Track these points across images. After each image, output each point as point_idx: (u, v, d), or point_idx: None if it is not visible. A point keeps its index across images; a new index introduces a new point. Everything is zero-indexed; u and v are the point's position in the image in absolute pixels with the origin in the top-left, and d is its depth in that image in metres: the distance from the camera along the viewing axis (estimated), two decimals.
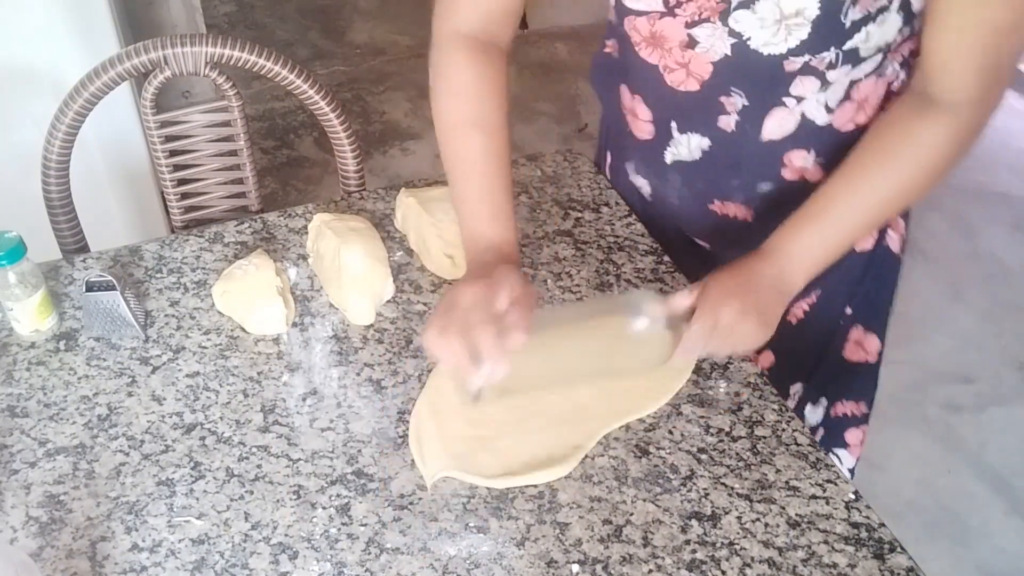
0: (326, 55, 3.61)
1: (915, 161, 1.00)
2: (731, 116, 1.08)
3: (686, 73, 1.07)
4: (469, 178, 1.06)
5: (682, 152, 1.15)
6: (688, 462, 1.01)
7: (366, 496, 0.97)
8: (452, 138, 1.07)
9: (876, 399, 1.34)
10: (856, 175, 1.01)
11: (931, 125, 0.99)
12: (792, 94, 1.05)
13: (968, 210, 3.03)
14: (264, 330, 1.14)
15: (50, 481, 0.98)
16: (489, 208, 1.04)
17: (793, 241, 1.02)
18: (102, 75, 1.36)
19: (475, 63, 1.07)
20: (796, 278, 1.02)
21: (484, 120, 1.06)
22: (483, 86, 1.07)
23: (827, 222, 1.02)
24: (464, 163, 1.06)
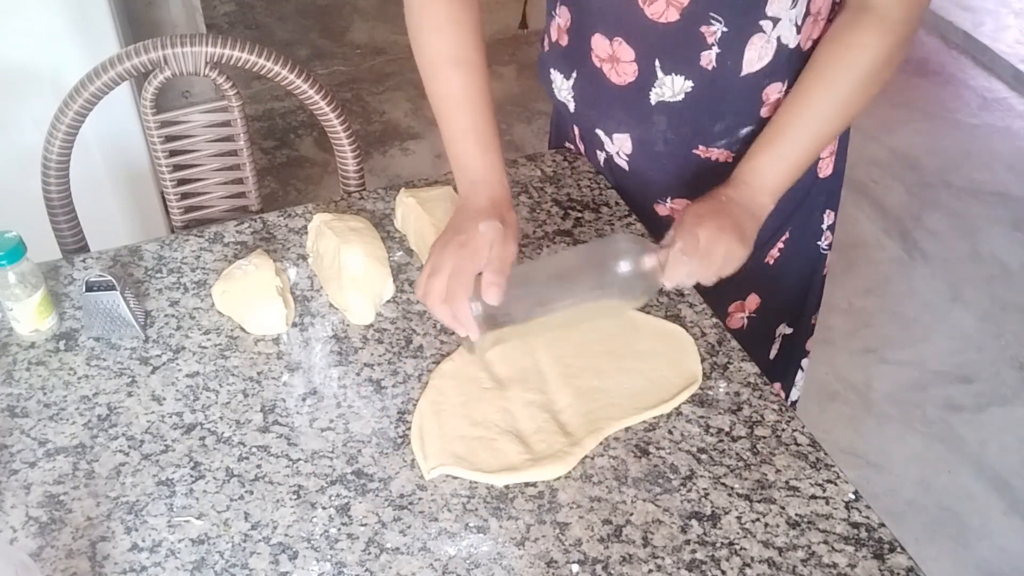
0: (326, 55, 3.61)
1: (851, 74, 1.08)
2: (712, 51, 1.13)
3: (666, 3, 1.11)
4: (454, 115, 1.10)
5: (666, 93, 1.18)
6: (688, 462, 1.02)
7: (366, 496, 0.97)
8: (434, 75, 1.12)
9: (876, 399, 1.37)
10: (803, 96, 1.10)
11: (864, 36, 1.06)
12: (768, 15, 1.10)
13: (968, 210, 3.03)
14: (264, 330, 1.14)
15: (50, 481, 0.98)
16: (476, 143, 1.09)
17: (755, 168, 1.10)
18: (102, 75, 1.36)
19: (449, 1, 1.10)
20: (763, 199, 1.10)
21: (464, 56, 1.10)
22: (459, 23, 1.10)
23: (783, 145, 1.10)
24: (448, 100, 1.11)
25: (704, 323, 1.17)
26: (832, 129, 1.12)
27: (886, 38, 1.06)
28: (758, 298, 1.36)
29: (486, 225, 1.01)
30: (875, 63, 1.07)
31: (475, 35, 1.11)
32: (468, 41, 1.11)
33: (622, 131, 1.26)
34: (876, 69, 1.08)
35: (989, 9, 3.91)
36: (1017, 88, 3.58)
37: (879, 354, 2.55)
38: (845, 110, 1.10)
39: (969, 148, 3.30)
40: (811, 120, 1.10)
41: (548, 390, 1.07)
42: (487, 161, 1.08)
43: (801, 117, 1.10)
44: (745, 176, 1.11)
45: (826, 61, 1.09)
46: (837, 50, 1.08)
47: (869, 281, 2.76)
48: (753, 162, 1.11)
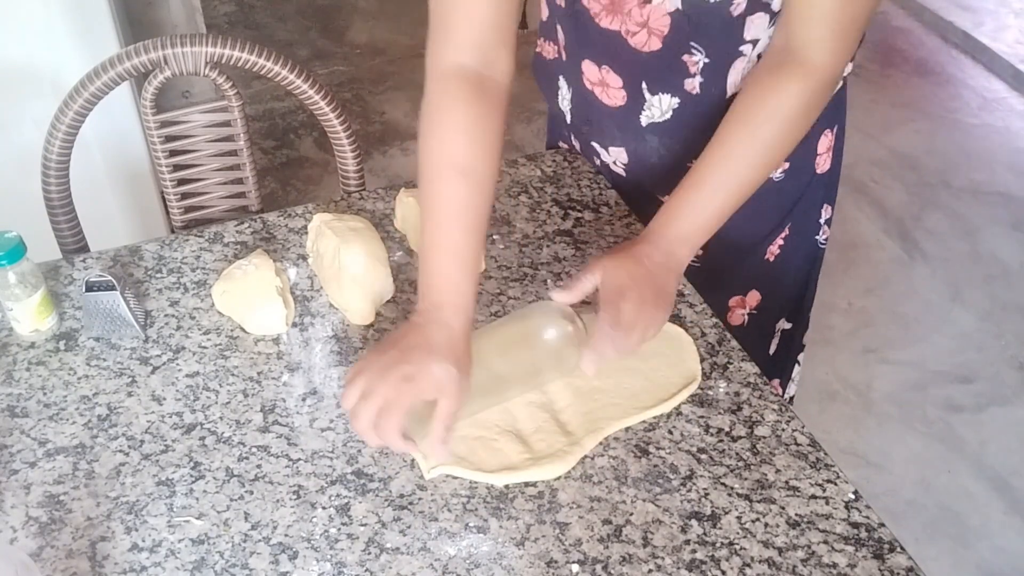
0: (326, 55, 3.61)
1: (773, 121, 1.05)
2: (695, 79, 1.12)
3: (647, 33, 1.10)
4: (445, 225, 1.01)
5: (655, 114, 1.18)
6: (688, 462, 1.02)
7: (366, 496, 0.97)
8: (436, 180, 1.02)
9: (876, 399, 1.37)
10: (723, 144, 1.06)
11: (785, 80, 1.03)
12: (747, 39, 1.09)
13: (968, 210, 3.03)
14: (264, 330, 1.14)
15: (50, 481, 0.98)
16: (457, 265, 1.00)
17: (673, 223, 1.06)
18: (102, 75, 1.36)
19: (471, 102, 1.02)
20: (682, 253, 1.07)
21: (474, 168, 1.01)
22: (478, 130, 1.02)
23: (704, 195, 1.06)
24: (443, 209, 1.01)
25: (704, 323, 1.17)
26: (755, 176, 1.07)
27: (809, 82, 1.03)
28: (759, 294, 1.36)
29: (441, 367, 0.93)
30: (797, 109, 1.04)
31: (494, 146, 1.03)
32: (485, 152, 1.02)
33: (617, 145, 1.27)
34: (798, 115, 1.05)
35: (989, 9, 3.91)
36: (1017, 88, 3.58)
37: (879, 354, 2.55)
38: (767, 156, 1.07)
39: (969, 148, 3.30)
40: (732, 169, 1.06)
41: (548, 390, 1.07)
42: (462, 288, 0.99)
43: (722, 166, 1.06)
44: (663, 230, 1.06)
45: (747, 107, 1.05)
46: (758, 96, 1.05)
47: (869, 281, 2.76)
48: (672, 214, 1.06)
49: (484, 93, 1.03)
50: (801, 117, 1.06)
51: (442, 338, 0.96)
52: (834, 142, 1.29)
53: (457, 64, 1.03)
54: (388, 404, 0.92)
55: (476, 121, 1.02)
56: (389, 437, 0.93)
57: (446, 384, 0.93)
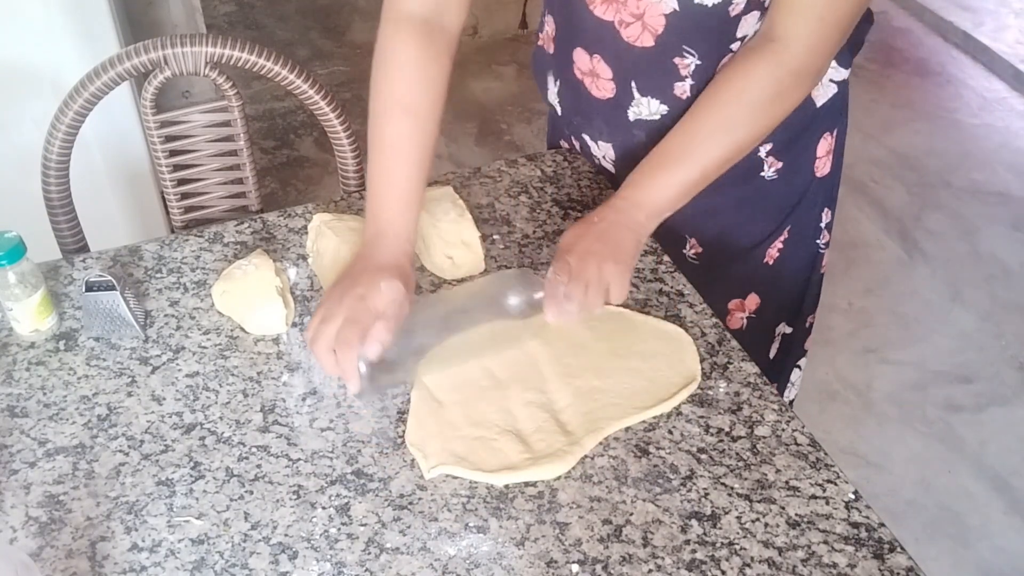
0: (326, 55, 3.60)
1: (740, 101, 1.07)
2: (686, 82, 1.13)
3: (641, 26, 1.11)
4: (389, 160, 1.08)
5: (643, 112, 1.19)
6: (688, 462, 1.02)
7: (366, 496, 0.97)
8: (381, 117, 1.09)
9: (876, 399, 1.37)
10: (690, 119, 1.09)
11: (757, 64, 1.05)
12: (738, 37, 1.10)
13: (968, 210, 3.03)
14: (264, 330, 1.14)
15: (50, 481, 0.98)
16: (399, 196, 1.07)
17: (635, 186, 1.09)
18: (102, 75, 1.36)
19: (418, 46, 1.08)
20: (640, 217, 1.09)
21: (418, 106, 1.08)
22: (423, 71, 1.09)
23: (668, 168, 1.09)
24: (387, 145, 1.09)
25: (704, 323, 1.17)
26: (719, 155, 1.08)
27: (780, 69, 1.04)
28: (758, 298, 1.36)
29: (388, 285, 1.01)
30: (765, 92, 1.06)
31: (439, 88, 1.10)
32: (430, 92, 1.09)
33: (605, 140, 1.27)
34: (766, 99, 1.06)
35: (989, 9, 3.91)
36: (1017, 88, 3.58)
37: (879, 354, 2.55)
38: (732, 136, 1.08)
39: (969, 148, 3.30)
40: (697, 144, 1.08)
41: (547, 390, 1.07)
42: (404, 216, 1.07)
43: (688, 140, 1.08)
44: (624, 193, 1.09)
45: (717, 86, 1.08)
46: (729, 76, 1.07)
47: (869, 281, 2.76)
48: (635, 181, 1.09)
49: (431, 38, 1.09)
50: (768, 102, 1.06)
51: (388, 258, 1.04)
52: (834, 146, 1.28)
53: (408, 12, 1.09)
54: (346, 322, 0.98)
55: (421, 63, 1.08)
56: (347, 352, 0.97)
57: (394, 296, 1.00)
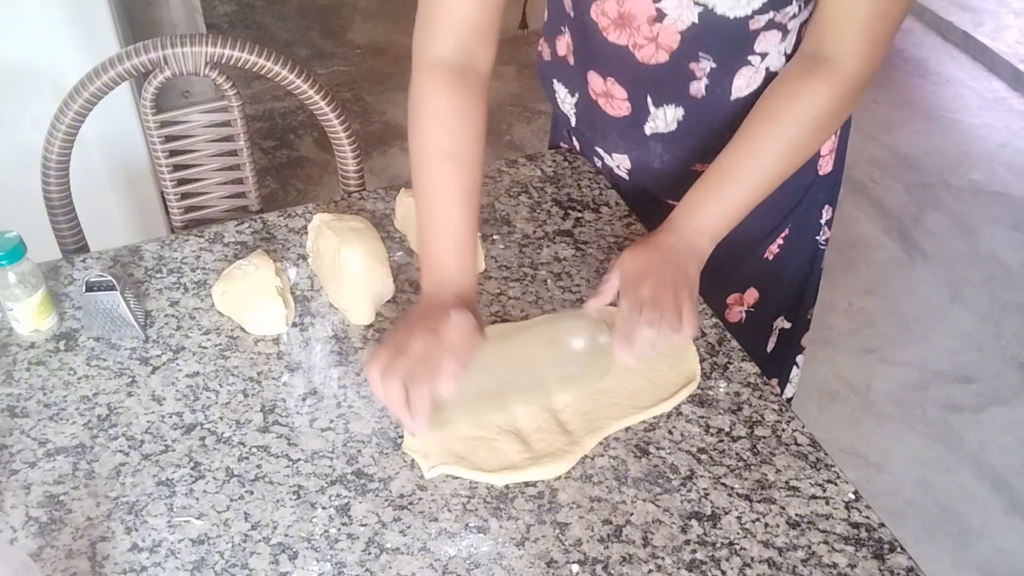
0: (326, 55, 3.61)
1: (801, 121, 1.06)
2: (701, 82, 1.13)
3: (655, 47, 1.10)
4: (437, 208, 1.05)
5: (659, 126, 1.19)
6: (688, 462, 1.02)
7: (366, 496, 0.97)
8: (425, 166, 1.06)
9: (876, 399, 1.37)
10: (749, 140, 1.07)
11: (816, 84, 1.05)
12: (756, 51, 1.10)
13: (968, 210, 3.03)
14: (264, 330, 1.14)
15: (50, 481, 0.98)
16: (453, 241, 1.04)
17: (695, 213, 1.08)
18: (102, 75, 1.36)
19: (453, 91, 1.06)
20: (702, 243, 1.07)
21: (459, 152, 1.06)
22: (461, 117, 1.07)
23: (726, 189, 1.07)
24: (434, 193, 1.06)
25: (704, 323, 1.17)
26: (778, 175, 1.08)
27: (839, 88, 1.04)
28: (757, 292, 1.36)
29: (459, 314, 0.97)
30: (826, 111, 1.06)
31: (477, 132, 1.07)
32: (469, 137, 1.07)
33: (620, 152, 1.27)
34: (827, 117, 1.06)
35: (989, 9, 3.91)
36: (1017, 88, 3.58)
37: (879, 354, 2.55)
38: (792, 156, 1.08)
39: (969, 148, 3.30)
40: (756, 165, 1.07)
41: (548, 389, 1.07)
42: (461, 264, 1.04)
43: (746, 161, 1.07)
44: (685, 219, 1.08)
45: (777, 107, 1.07)
46: (789, 96, 1.06)
47: (869, 281, 2.76)
48: (693, 205, 1.08)
49: (466, 82, 1.07)
50: (828, 121, 1.07)
51: (452, 299, 1.00)
52: (837, 144, 1.29)
53: (439, 58, 1.08)
54: (421, 357, 0.94)
55: (458, 109, 1.07)
56: (420, 389, 0.94)
57: (466, 327, 0.97)
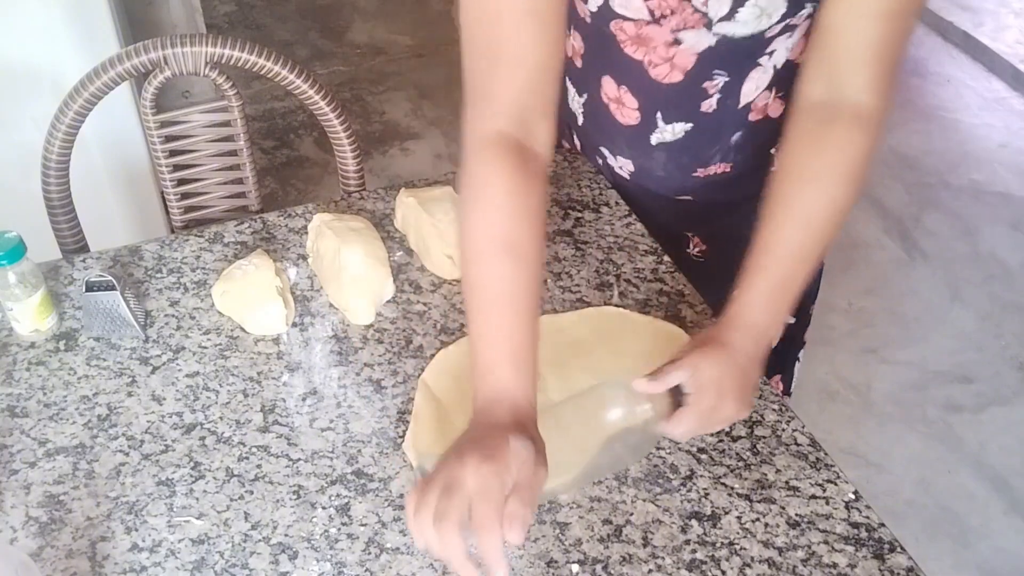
0: (326, 55, 3.60)
1: (841, 172, 0.98)
2: (712, 97, 1.12)
3: (670, 67, 1.10)
4: (493, 309, 0.92)
5: (666, 136, 1.19)
6: (688, 462, 1.01)
7: (366, 496, 0.97)
8: (480, 260, 0.93)
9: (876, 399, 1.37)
10: (790, 208, 0.99)
11: (840, 132, 0.98)
12: (767, 52, 1.08)
13: (968, 210, 3.03)
14: (264, 330, 1.14)
15: (50, 481, 0.98)
16: (511, 348, 0.90)
17: (757, 305, 0.99)
18: (102, 75, 1.36)
19: (514, 172, 0.93)
20: (772, 339, 1.01)
21: (520, 244, 0.92)
22: (522, 202, 0.93)
23: (780, 271, 0.99)
24: (490, 291, 0.92)
25: (704, 323, 1.17)
26: (834, 235, 1.00)
27: (864, 129, 0.98)
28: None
29: (518, 442, 0.82)
30: (859, 158, 0.99)
31: (540, 220, 0.94)
32: (531, 227, 0.93)
33: (624, 156, 1.27)
34: (862, 162, 0.99)
35: (989, 9, 3.91)
36: (1017, 88, 3.58)
37: (879, 354, 2.55)
38: (842, 213, 1.00)
39: (969, 148, 3.30)
40: (808, 235, 0.99)
41: (547, 389, 1.07)
42: (519, 378, 0.89)
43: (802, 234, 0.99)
44: (750, 316, 0.98)
45: (809, 167, 0.99)
46: (816, 153, 0.99)
47: (869, 281, 2.76)
48: (755, 298, 0.99)
49: (526, 164, 0.94)
50: (863, 167, 0.99)
51: (508, 418, 0.86)
52: None
53: (497, 132, 0.94)
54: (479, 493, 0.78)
55: (520, 194, 0.93)
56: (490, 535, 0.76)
57: (527, 456, 0.82)
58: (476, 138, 0.95)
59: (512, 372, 0.89)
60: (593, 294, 1.21)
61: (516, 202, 0.93)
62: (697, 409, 0.94)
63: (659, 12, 1.03)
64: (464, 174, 0.95)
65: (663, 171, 1.24)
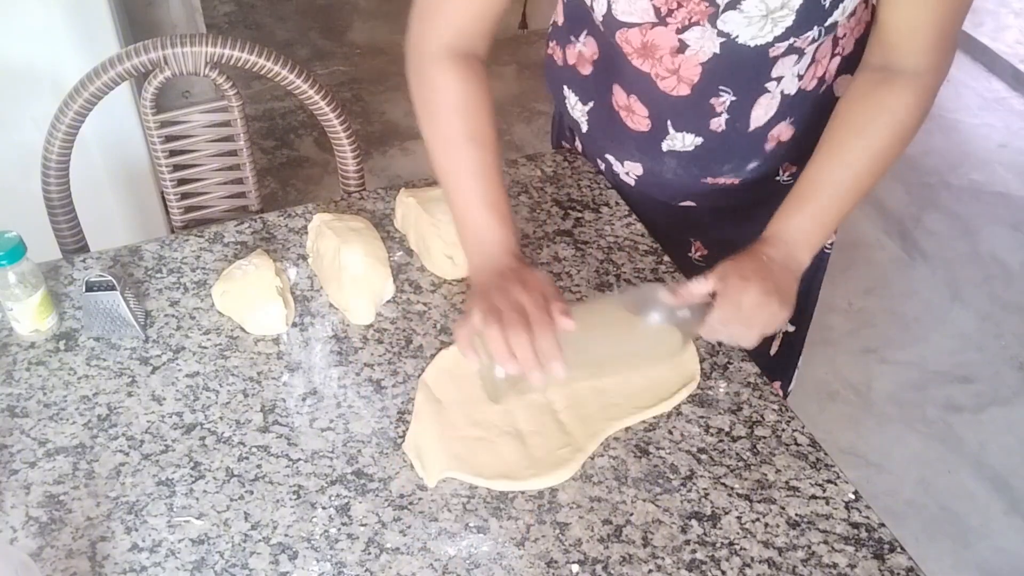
0: (326, 55, 3.61)
1: (888, 128, 1.07)
2: (721, 117, 1.14)
3: (677, 79, 1.12)
4: (470, 187, 1.07)
5: (676, 145, 1.19)
6: (688, 462, 1.02)
7: (366, 496, 0.97)
8: (448, 150, 1.09)
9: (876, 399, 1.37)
10: (837, 152, 1.08)
11: (898, 92, 1.06)
12: (773, 77, 1.11)
13: (968, 210, 3.03)
14: (264, 330, 1.14)
15: (50, 481, 0.98)
16: (495, 210, 1.06)
17: (792, 227, 1.08)
18: (102, 75, 1.36)
19: (462, 77, 1.09)
20: (802, 257, 1.08)
21: (478, 134, 1.08)
22: (476, 102, 1.09)
23: (819, 203, 1.08)
24: (462, 174, 1.08)
25: None
26: (867, 186, 1.10)
27: (919, 95, 1.06)
28: None
29: (535, 272, 1.00)
30: (909, 120, 1.07)
31: (491, 114, 1.10)
32: (486, 120, 1.09)
33: (634, 160, 1.27)
34: (914, 125, 1.08)
35: (989, 9, 3.91)
36: (1017, 88, 3.58)
37: (879, 354, 2.55)
38: (881, 166, 1.08)
39: (969, 148, 3.30)
40: (848, 176, 1.08)
41: (547, 390, 1.07)
42: (506, 230, 1.06)
43: (838, 174, 1.08)
44: (784, 235, 1.07)
45: (863, 119, 1.07)
46: (872, 108, 1.07)
47: (869, 281, 2.76)
48: (791, 220, 1.08)
49: (472, 70, 1.10)
50: (913, 128, 1.08)
51: (514, 259, 1.03)
52: None
53: (446, 45, 1.09)
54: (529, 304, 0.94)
55: (473, 94, 1.09)
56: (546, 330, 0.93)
57: (545, 276, 1.00)
58: (425, 50, 1.10)
59: (501, 226, 1.05)
60: (593, 294, 1.21)
61: (471, 101, 1.09)
62: (730, 300, 1.00)
63: (665, 9, 1.04)
64: (417, 80, 1.11)
65: (672, 175, 1.24)
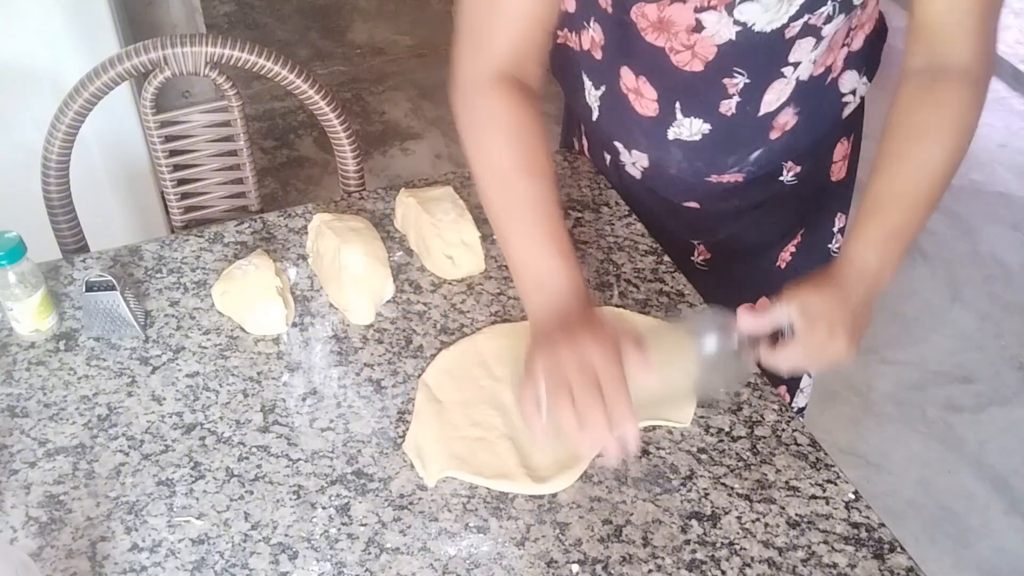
0: (326, 55, 3.60)
1: (953, 127, 1.03)
2: (732, 99, 1.12)
3: (691, 54, 1.09)
4: (527, 223, 1.00)
5: (683, 133, 1.18)
6: (688, 462, 1.02)
7: (366, 496, 0.97)
8: (502, 184, 1.02)
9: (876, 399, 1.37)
10: (903, 164, 1.03)
11: (954, 88, 1.02)
12: (790, 62, 1.08)
13: (968, 210, 3.03)
14: (264, 330, 1.14)
15: (50, 481, 0.98)
16: (560, 250, 0.98)
17: (876, 247, 1.02)
18: (102, 75, 1.36)
19: (517, 104, 1.03)
20: (883, 283, 1.03)
21: (534, 165, 1.01)
22: (530, 130, 1.03)
23: (893, 218, 1.02)
24: (518, 209, 1.00)
25: None
26: (943, 188, 1.04)
27: (972, 87, 1.02)
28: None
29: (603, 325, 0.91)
30: (973, 112, 1.03)
31: (546, 143, 1.04)
32: (543, 150, 1.03)
33: (640, 150, 1.26)
34: (975, 119, 1.04)
35: None
36: (1017, 88, 3.57)
37: (879, 354, 2.55)
38: (952, 166, 1.04)
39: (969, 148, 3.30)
40: (926, 186, 1.02)
41: None
42: (577, 272, 0.98)
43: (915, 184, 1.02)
44: (867, 255, 1.02)
45: (925, 124, 1.03)
46: (929, 109, 1.03)
47: None
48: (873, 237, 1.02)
49: (525, 96, 1.03)
50: (976, 121, 1.04)
51: (585, 304, 0.95)
52: (850, 151, 1.27)
53: (496, 71, 1.03)
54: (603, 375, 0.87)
55: (526, 121, 1.03)
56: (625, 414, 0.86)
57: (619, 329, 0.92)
58: (475, 77, 1.04)
59: (565, 266, 0.97)
60: (593, 294, 1.21)
61: (524, 128, 1.02)
62: (807, 342, 0.97)
63: None
64: (465, 110, 1.04)
65: (676, 169, 1.23)
